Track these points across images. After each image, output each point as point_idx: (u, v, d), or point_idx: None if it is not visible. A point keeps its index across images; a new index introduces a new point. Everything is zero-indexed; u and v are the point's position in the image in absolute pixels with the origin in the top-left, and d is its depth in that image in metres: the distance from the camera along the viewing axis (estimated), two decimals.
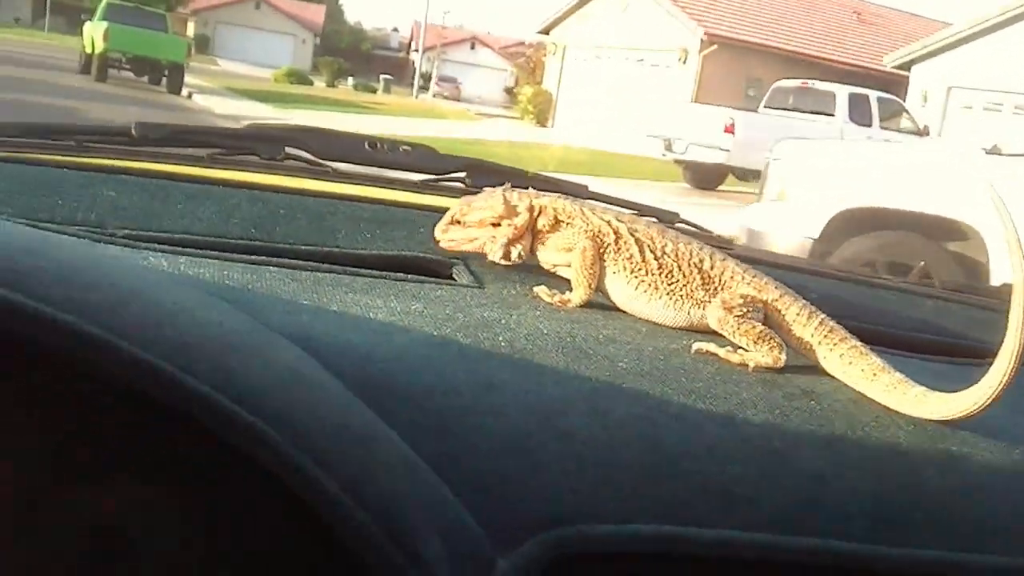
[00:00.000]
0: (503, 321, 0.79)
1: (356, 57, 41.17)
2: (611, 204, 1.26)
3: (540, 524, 0.55)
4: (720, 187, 14.15)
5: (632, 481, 0.60)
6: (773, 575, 0.62)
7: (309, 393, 0.49)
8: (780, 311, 0.86)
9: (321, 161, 1.12)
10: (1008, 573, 0.66)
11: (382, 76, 41.29)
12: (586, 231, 0.91)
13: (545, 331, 0.78)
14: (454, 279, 0.95)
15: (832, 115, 14.39)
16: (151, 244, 0.83)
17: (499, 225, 0.94)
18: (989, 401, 0.73)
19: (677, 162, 14.29)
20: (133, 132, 1.08)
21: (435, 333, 0.72)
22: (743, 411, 0.70)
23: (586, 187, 1.24)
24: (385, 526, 0.45)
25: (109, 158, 1.06)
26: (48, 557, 0.47)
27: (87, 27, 20.55)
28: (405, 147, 1.16)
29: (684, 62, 21.94)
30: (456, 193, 1.16)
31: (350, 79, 39.04)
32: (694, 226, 1.31)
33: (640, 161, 15.42)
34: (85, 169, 1.00)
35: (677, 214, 1.30)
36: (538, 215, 0.93)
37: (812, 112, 14.50)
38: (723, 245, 1.27)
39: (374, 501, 0.45)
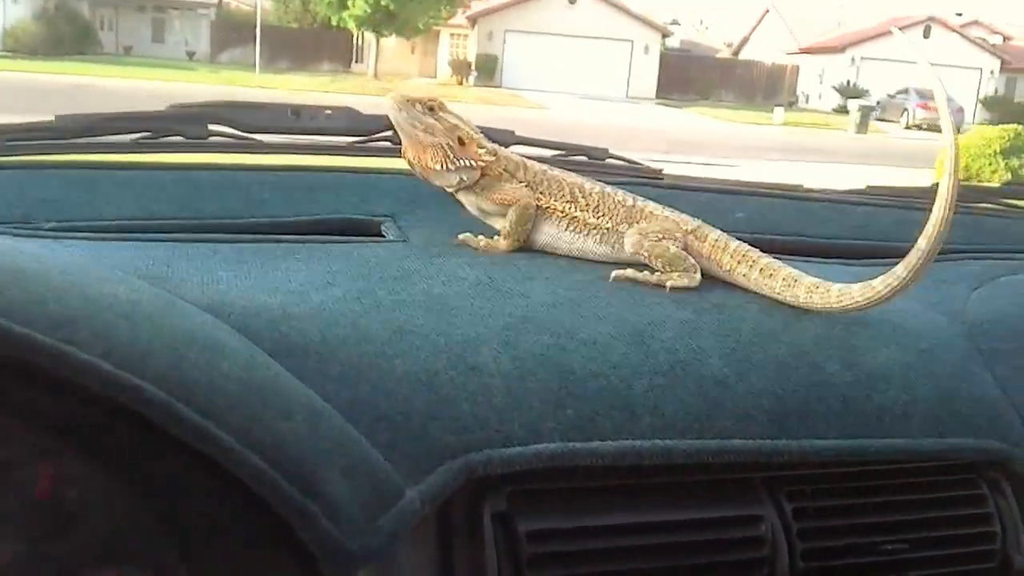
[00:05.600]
0: (423, 271, 0.81)
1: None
2: (539, 146, 1.29)
3: (448, 453, 0.59)
4: None
5: (539, 405, 0.63)
6: (679, 475, 0.66)
7: (202, 354, 0.51)
8: (699, 240, 0.89)
9: (246, 135, 1.13)
10: (906, 453, 0.71)
11: None
12: (527, 186, 0.93)
13: (463, 276, 0.81)
14: (383, 235, 0.97)
15: None
16: (76, 234, 0.85)
17: (453, 150, 0.92)
18: (890, 292, 0.77)
19: None
20: (56, 125, 1.09)
21: (352, 288, 0.74)
22: (652, 329, 0.73)
23: (512, 132, 1.26)
24: (283, 468, 0.48)
25: (35, 154, 1.07)
26: None
27: None
28: (328, 111, 1.18)
29: None
30: (384, 152, 1.18)
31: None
32: (624, 160, 1.33)
33: None
34: (10, 168, 1.01)
35: (606, 150, 1.32)
36: (492, 163, 0.93)
37: None
38: (652, 176, 1.30)
39: (269, 446, 0.48)
